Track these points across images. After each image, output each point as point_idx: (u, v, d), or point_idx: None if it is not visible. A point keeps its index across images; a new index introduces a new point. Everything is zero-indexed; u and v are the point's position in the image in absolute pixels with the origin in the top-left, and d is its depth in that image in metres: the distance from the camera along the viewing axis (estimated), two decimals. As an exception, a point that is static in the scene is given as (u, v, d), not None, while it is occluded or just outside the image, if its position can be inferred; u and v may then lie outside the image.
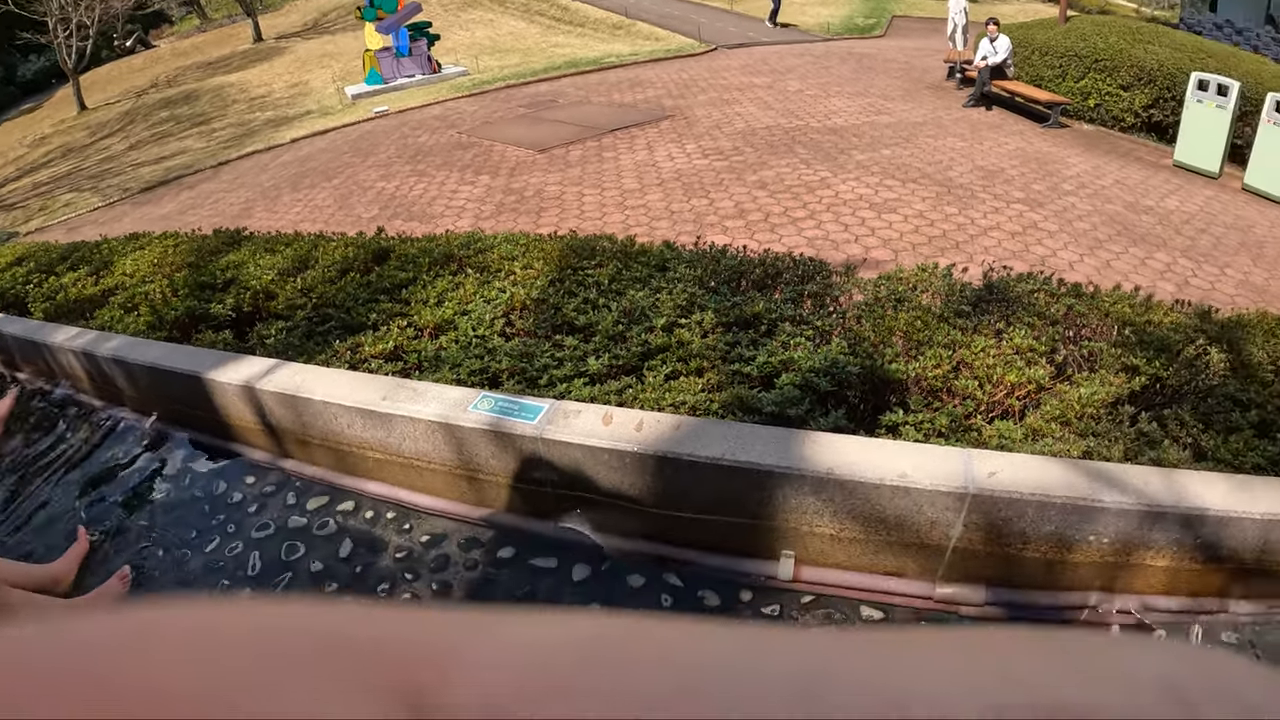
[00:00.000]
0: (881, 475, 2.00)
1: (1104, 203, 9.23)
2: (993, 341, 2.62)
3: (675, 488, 2.15)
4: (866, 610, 2.19)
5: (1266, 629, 2.44)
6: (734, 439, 2.10)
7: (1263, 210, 11.26)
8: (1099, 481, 2.12)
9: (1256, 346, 3.17)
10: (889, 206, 7.93)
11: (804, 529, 2.15)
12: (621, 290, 3.06)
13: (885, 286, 2.99)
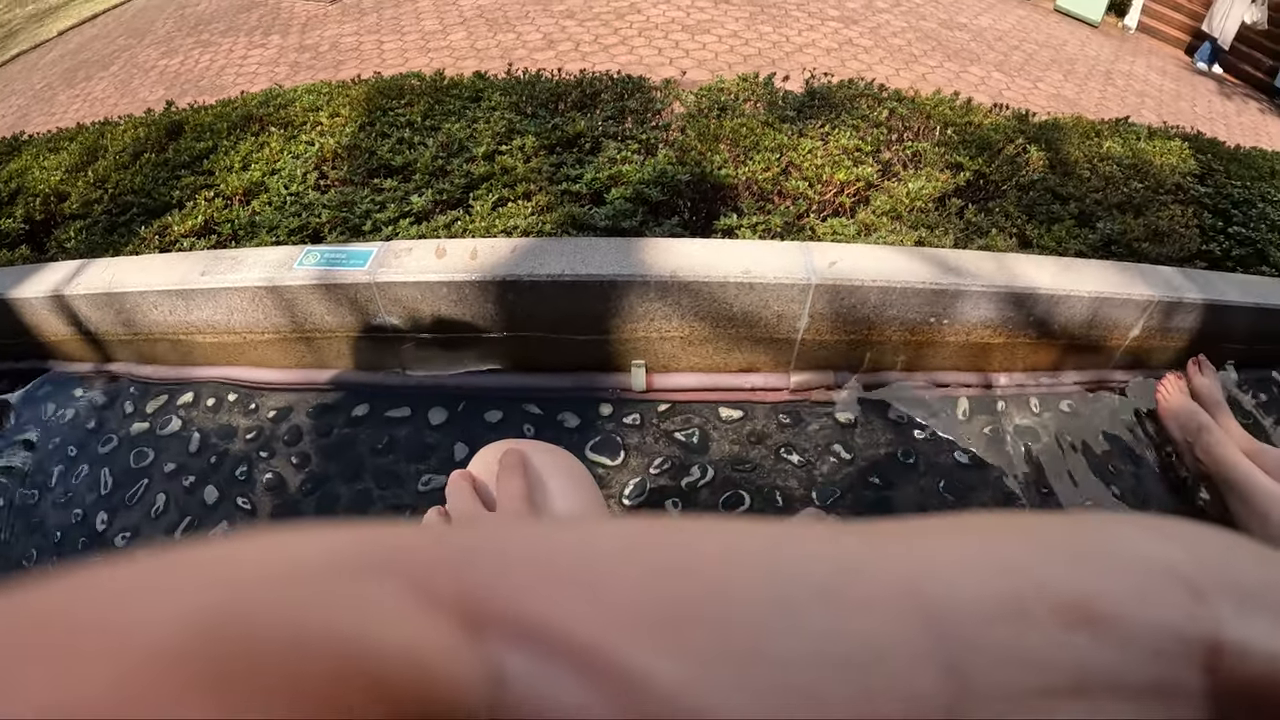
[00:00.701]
0: (725, 273, 1.98)
1: (918, 19, 9.37)
2: (820, 144, 2.61)
3: (520, 311, 2.08)
4: (725, 411, 2.21)
5: (1093, 397, 2.61)
6: (573, 253, 2.04)
7: (1073, 30, 11.75)
8: (936, 266, 2.18)
9: (1073, 147, 3.30)
10: (702, 28, 7.84)
11: (654, 336, 2.13)
12: (436, 125, 2.91)
13: (708, 97, 2.94)
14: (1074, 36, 11.40)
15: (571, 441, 2.08)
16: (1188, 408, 2.48)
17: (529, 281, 2.00)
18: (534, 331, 2.13)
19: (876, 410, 2.30)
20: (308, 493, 2.10)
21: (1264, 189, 3.72)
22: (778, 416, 2.21)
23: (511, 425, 2.18)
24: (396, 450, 2.15)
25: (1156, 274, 2.59)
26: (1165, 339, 2.69)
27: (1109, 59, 10.98)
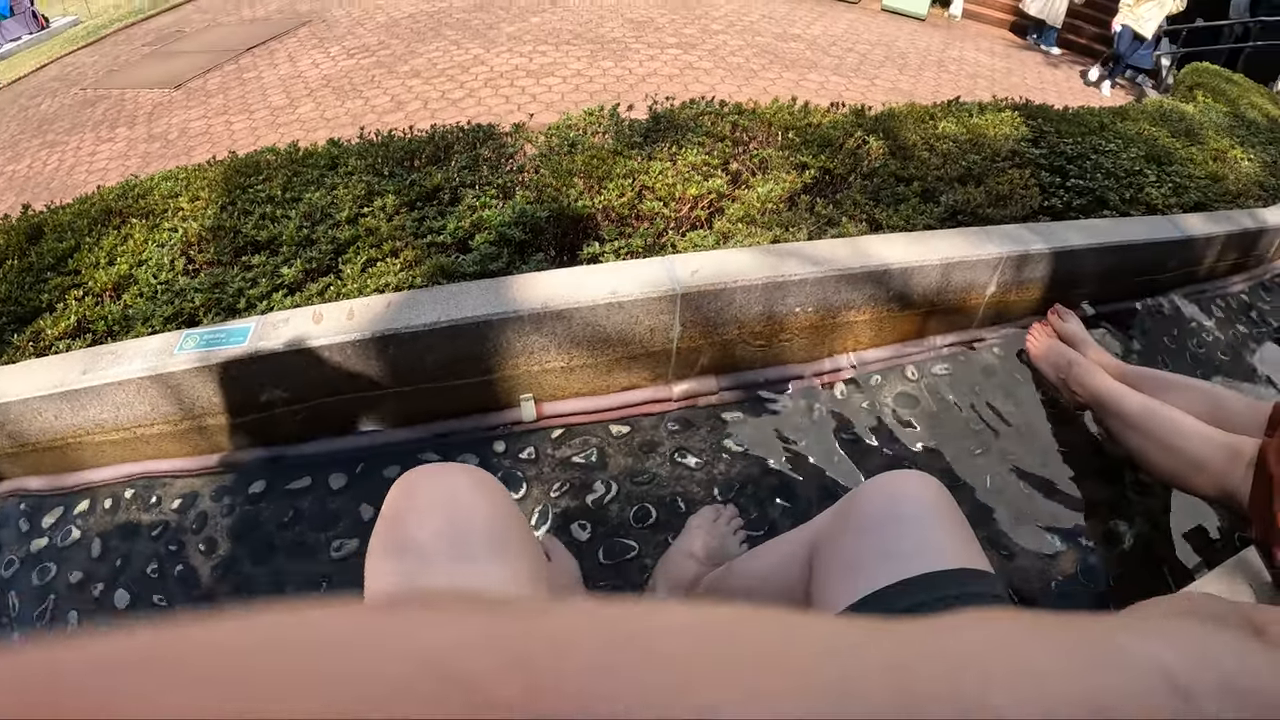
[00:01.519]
0: (593, 296, 2.05)
1: (754, 36, 9.63)
2: (669, 164, 2.71)
3: (403, 364, 2.12)
4: (616, 428, 2.27)
5: (965, 357, 2.75)
6: (445, 300, 2.09)
7: (900, 26, 12.24)
8: (793, 258, 2.29)
9: (910, 131, 3.47)
10: (546, 71, 7.96)
11: (536, 368, 2.19)
12: (297, 196, 2.93)
13: (558, 135, 3.02)
14: (903, 32, 11.88)
15: None
16: (1055, 348, 2.63)
17: (407, 334, 2.04)
18: (420, 382, 2.17)
19: (760, 404, 2.39)
20: (220, 578, 2.09)
21: (1095, 141, 3.95)
22: (667, 425, 2.28)
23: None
24: (303, 522, 2.16)
25: (1001, 232, 2.75)
26: (1022, 291, 2.84)
27: (939, 48, 11.47)
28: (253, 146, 7.30)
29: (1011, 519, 2.26)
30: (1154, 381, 2.44)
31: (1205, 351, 3.38)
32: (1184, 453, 2.08)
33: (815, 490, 2.18)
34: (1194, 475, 2.05)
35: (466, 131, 3.17)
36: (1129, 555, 2.27)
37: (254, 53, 10.44)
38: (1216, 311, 3.74)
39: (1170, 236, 3.29)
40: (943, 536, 1.04)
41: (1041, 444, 2.52)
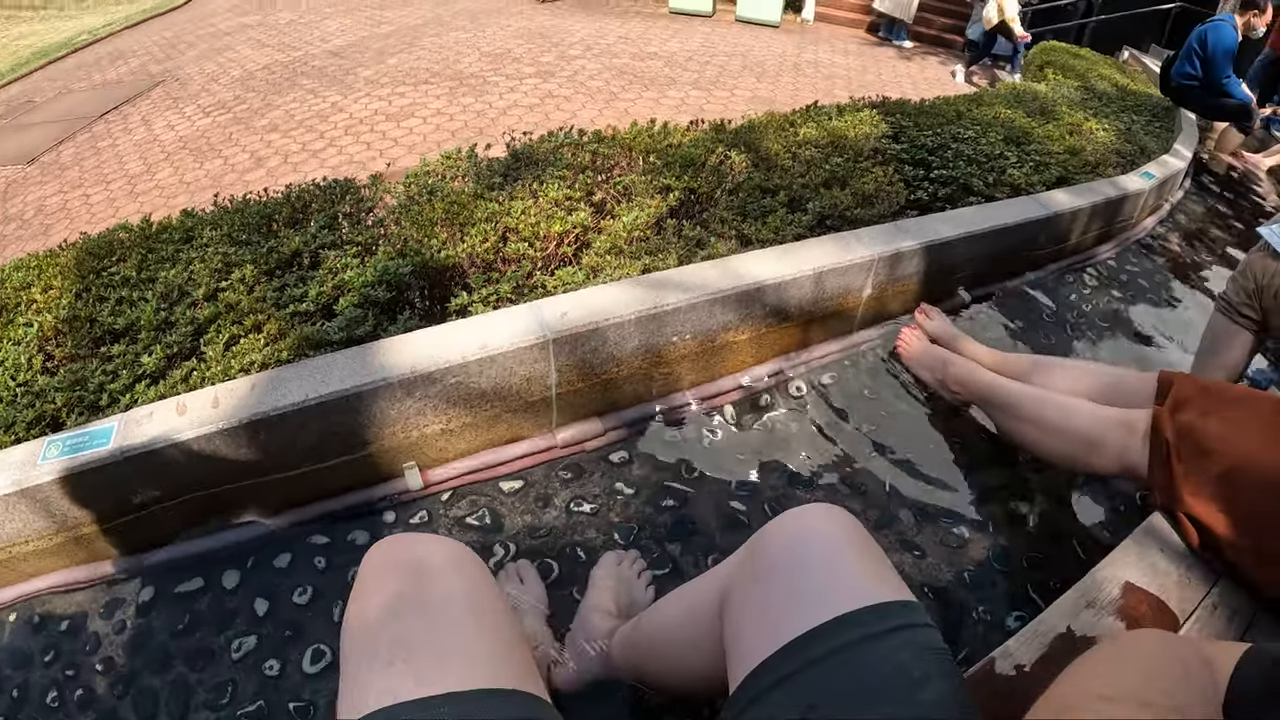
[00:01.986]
0: (463, 354, 1.97)
1: (611, 59, 9.66)
2: (531, 202, 2.65)
3: (276, 447, 2.00)
4: (506, 484, 2.19)
5: (849, 362, 2.75)
6: (311, 376, 1.99)
7: (756, 35, 12.45)
8: (664, 288, 2.24)
9: (771, 141, 3.47)
10: (406, 113, 7.83)
11: (414, 434, 2.10)
12: (153, 276, 2.78)
13: (415, 183, 2.94)
14: (759, 40, 12.08)
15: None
16: (928, 351, 2.63)
17: (276, 416, 1.94)
18: (297, 463, 2.06)
19: (649, 440, 2.34)
20: (122, 696, 1.96)
21: (954, 130, 4.01)
22: (558, 475, 2.21)
23: (304, 563, 2.09)
24: (199, 626, 2.02)
25: (871, 234, 2.75)
26: (898, 288, 2.85)
27: (795, 53, 11.67)
28: (112, 220, 7.02)
29: (916, 518, 2.24)
30: (1035, 367, 2.46)
31: (1084, 321, 3.44)
32: (1078, 434, 2.09)
33: (716, 520, 2.13)
34: (1092, 455, 2.07)
35: (324, 189, 3.06)
36: (1036, 535, 2.28)
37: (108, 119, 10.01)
38: (1089, 281, 3.83)
39: (1038, 215, 3.35)
40: (854, 573, 1.01)
41: (934, 439, 2.52)
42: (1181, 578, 1.74)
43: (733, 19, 13.47)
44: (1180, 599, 1.69)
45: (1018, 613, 2.04)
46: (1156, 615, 1.63)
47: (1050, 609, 1.61)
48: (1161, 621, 1.62)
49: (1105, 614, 1.61)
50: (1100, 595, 1.66)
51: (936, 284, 3.03)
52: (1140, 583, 1.70)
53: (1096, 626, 1.58)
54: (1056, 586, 2.10)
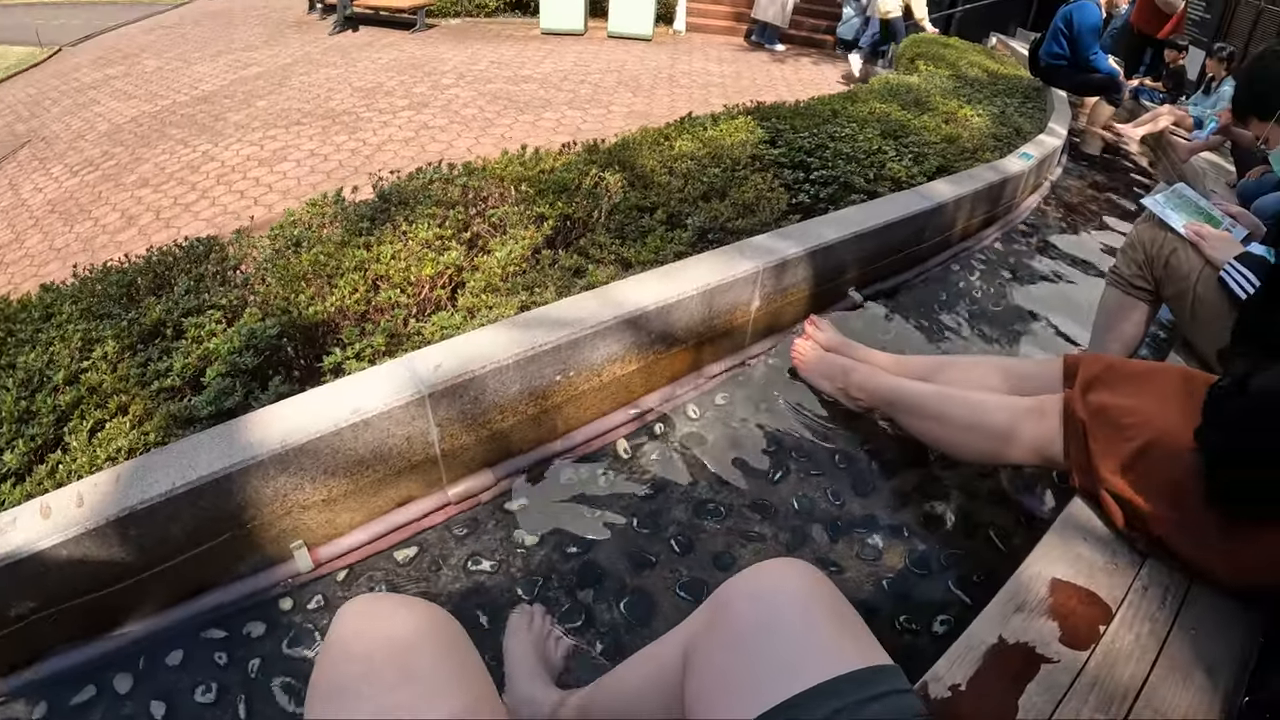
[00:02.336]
0: (335, 421, 1.85)
1: (485, 85, 9.58)
2: (400, 246, 2.54)
3: (151, 541, 1.84)
4: (400, 553, 2.06)
5: (744, 378, 2.69)
6: (178, 461, 1.83)
7: (629, 50, 12.49)
8: (543, 326, 2.14)
9: (647, 157, 3.41)
10: (279, 156, 7.61)
11: (297, 510, 1.96)
12: (12, 363, 2.61)
13: (281, 235, 2.80)
14: (632, 55, 12.10)
15: (266, 648, 1.88)
16: (825, 360, 2.59)
17: (144, 509, 1.78)
18: (175, 555, 1.90)
19: (546, 485, 2.24)
20: None
21: (830, 130, 4.00)
22: (454, 534, 2.09)
23: (200, 659, 1.92)
24: None
25: (753, 245, 2.70)
26: (788, 297, 2.80)
27: (668, 65, 11.73)
28: (-25, 294, 6.67)
29: (829, 534, 2.18)
30: (937, 367, 2.43)
31: (978, 309, 3.45)
32: (991, 428, 2.07)
33: (624, 562, 2.04)
34: (1007, 447, 2.05)
35: (186, 249, 2.90)
36: (953, 533, 2.24)
37: (-29, 185, 9.64)
38: (978, 267, 3.85)
39: (922, 208, 3.35)
40: (825, 637, 0.96)
41: (839, 449, 2.46)
42: (1108, 564, 1.72)
43: (605, 35, 13.47)
44: (1109, 586, 1.66)
45: (942, 616, 1.99)
46: (1088, 607, 1.59)
47: (978, 620, 1.55)
48: (1093, 613, 1.58)
49: (1036, 615, 1.56)
50: (1029, 597, 1.61)
51: (826, 288, 3.00)
52: (1067, 576, 1.67)
53: (1028, 631, 1.52)
54: (979, 580, 2.08)
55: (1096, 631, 1.54)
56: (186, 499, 1.79)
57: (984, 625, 1.53)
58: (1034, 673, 1.44)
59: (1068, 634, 1.53)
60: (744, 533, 2.14)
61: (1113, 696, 1.41)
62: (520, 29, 13.59)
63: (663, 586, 1.98)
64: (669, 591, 1.97)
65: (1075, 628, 1.54)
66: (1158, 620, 1.59)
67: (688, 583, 2.00)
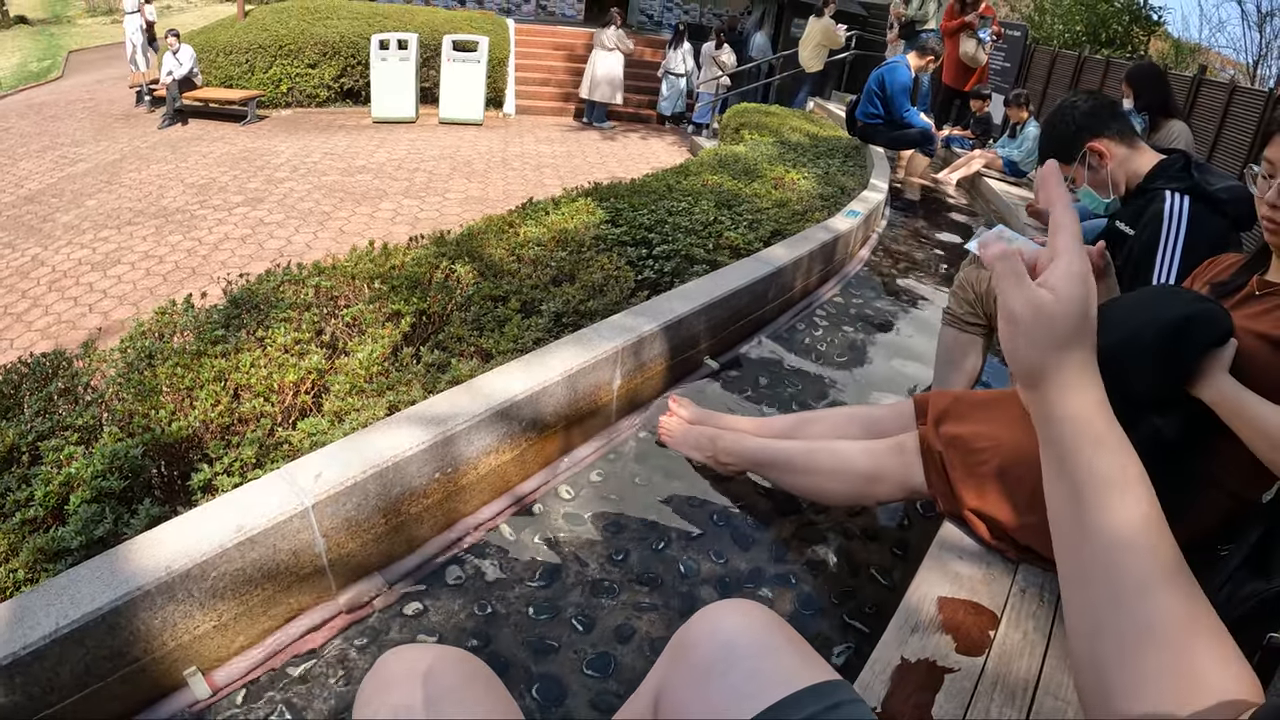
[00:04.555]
0: (219, 543, 1.80)
1: (320, 177, 9.47)
2: (259, 352, 2.50)
3: (38, 688, 1.74)
4: (296, 669, 2.01)
5: (614, 456, 2.75)
6: (55, 600, 1.73)
7: (461, 135, 12.57)
8: (415, 425, 2.15)
9: (494, 246, 3.46)
10: (113, 259, 7.29)
11: (187, 638, 1.88)
12: None
13: (132, 348, 2.71)
14: (464, 140, 12.19)
15: None
16: (691, 432, 2.67)
17: (29, 655, 1.69)
18: (66, 697, 1.79)
19: (436, 583, 2.23)
20: None
21: (668, 205, 4.14)
22: (352, 644, 2.05)
23: None
24: None
25: (610, 325, 2.78)
26: (646, 372, 2.88)
27: (500, 148, 11.87)
28: None
29: (719, 593, 2.24)
30: (797, 424, 2.55)
31: (825, 360, 3.61)
32: (855, 473, 2.20)
33: (524, 651, 2.04)
34: (873, 487, 2.19)
35: (32, 367, 2.77)
36: (837, 573, 2.34)
37: None
38: (821, 321, 4.02)
39: (762, 273, 3.50)
40: (785, 660, 1.02)
41: (716, 509, 2.54)
42: (985, 575, 1.86)
43: (436, 122, 13.54)
44: (990, 594, 1.79)
45: (842, 645, 2.09)
46: (975, 617, 1.72)
47: (879, 646, 1.66)
48: (981, 621, 1.71)
49: (930, 632, 1.68)
50: (921, 617, 1.72)
51: (682, 359, 3.09)
52: (950, 593, 1.79)
53: (927, 647, 1.64)
54: (871, 611, 2.19)
55: (987, 637, 1.67)
56: (72, 639, 1.71)
57: (885, 650, 1.64)
58: (939, 683, 1.55)
59: (962, 643, 1.65)
60: (637, 605, 2.18)
61: (1014, 691, 1.53)
62: (352, 118, 13.52)
63: (570, 668, 1.99)
64: (576, 672, 1.98)
65: (968, 636, 1.67)
66: (1039, 616, 1.74)
67: (594, 659, 2.02)
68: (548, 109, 15.38)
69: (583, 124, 14.43)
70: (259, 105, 13.33)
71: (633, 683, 1.94)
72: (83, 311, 6.52)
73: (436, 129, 13.05)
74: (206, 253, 7.28)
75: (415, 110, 13.64)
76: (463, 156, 10.95)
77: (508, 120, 14.47)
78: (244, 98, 13.00)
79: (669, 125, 14.71)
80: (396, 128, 13.00)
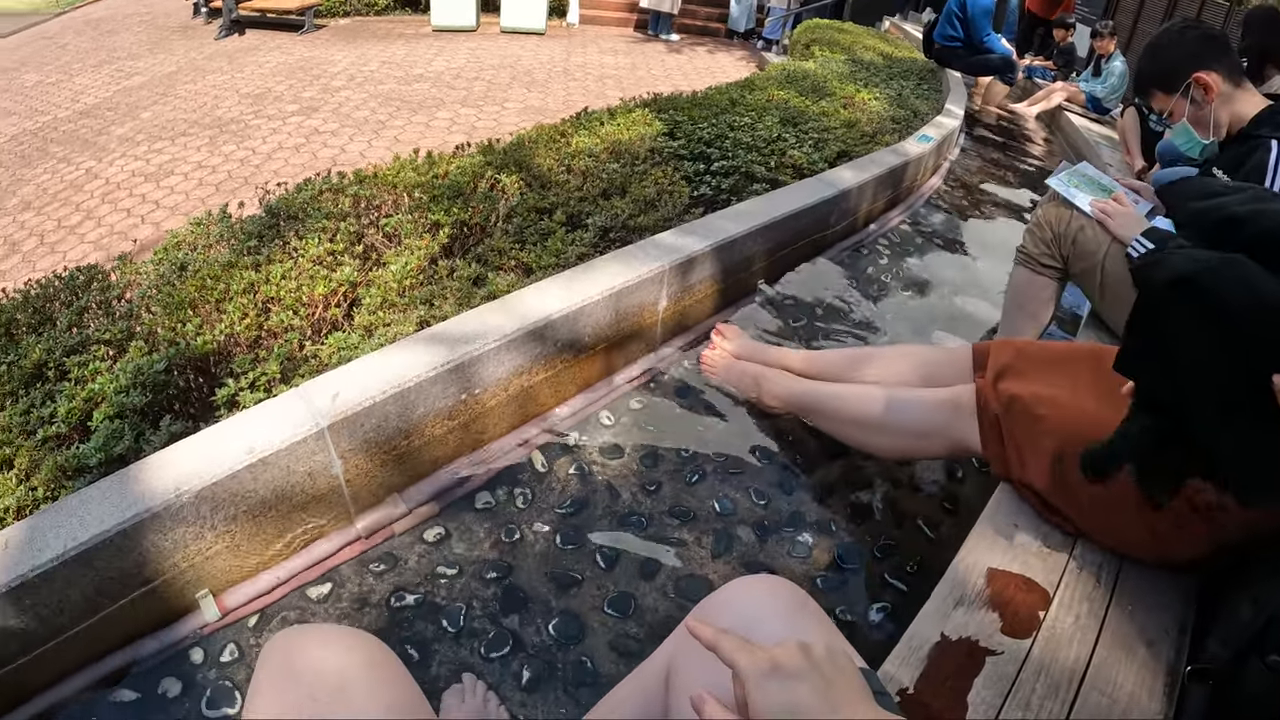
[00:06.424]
0: (231, 464, 1.72)
1: (376, 86, 9.36)
2: (291, 264, 2.41)
3: (48, 610, 1.68)
4: (314, 590, 1.94)
5: (655, 383, 2.64)
6: (68, 519, 1.67)
7: (522, 44, 12.36)
8: (443, 344, 2.05)
9: (543, 156, 3.32)
10: (166, 170, 7.26)
11: (199, 559, 1.82)
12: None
13: (165, 259, 2.64)
14: (525, 49, 11.96)
15: (185, 708, 1.73)
16: (734, 368, 2.55)
17: (38, 577, 1.63)
18: (76, 621, 1.74)
19: (459, 508, 2.14)
20: None
21: (729, 119, 3.96)
22: (369, 568, 1.98)
23: None
24: None
25: (657, 244, 2.64)
26: (695, 294, 2.75)
27: (563, 58, 11.62)
28: None
29: (756, 536, 2.13)
30: (850, 362, 2.40)
31: (886, 292, 3.45)
32: (905, 427, 2.05)
33: (546, 585, 1.96)
34: (924, 443, 2.04)
35: (66, 280, 2.72)
36: (881, 523, 2.22)
37: None
38: (884, 251, 3.85)
39: (827, 195, 3.32)
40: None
41: (758, 447, 2.42)
42: (1041, 548, 1.70)
43: (497, 30, 13.31)
44: (1044, 570, 1.64)
45: (879, 604, 1.97)
46: (1026, 594, 1.57)
47: (919, 618, 1.52)
48: (1032, 599, 1.56)
49: (976, 607, 1.54)
50: (967, 589, 1.58)
51: (734, 282, 2.95)
52: (1003, 564, 1.64)
53: (970, 624, 1.50)
54: (912, 570, 2.06)
55: (1037, 618, 1.53)
56: (81, 561, 1.65)
57: (926, 623, 1.50)
58: (980, 667, 1.42)
59: (1009, 623, 1.51)
60: (666, 539, 2.09)
61: (1059, 682, 1.40)
62: (411, 26, 13.35)
63: (590, 605, 1.91)
64: (596, 610, 1.90)
65: (1016, 616, 1.53)
66: (1095, 599, 1.58)
67: (615, 598, 1.93)
68: (612, 19, 15.01)
69: (648, 36, 14.09)
70: (317, 14, 13.19)
71: (653, 625, 1.86)
72: (135, 222, 6.52)
73: (497, 38, 12.83)
74: (260, 162, 7.22)
75: (476, 18, 13.41)
76: (523, 66, 10.76)
77: (571, 30, 14.18)
78: (301, 6, 12.83)
79: (737, 40, 14.31)
80: (456, 36, 12.80)
